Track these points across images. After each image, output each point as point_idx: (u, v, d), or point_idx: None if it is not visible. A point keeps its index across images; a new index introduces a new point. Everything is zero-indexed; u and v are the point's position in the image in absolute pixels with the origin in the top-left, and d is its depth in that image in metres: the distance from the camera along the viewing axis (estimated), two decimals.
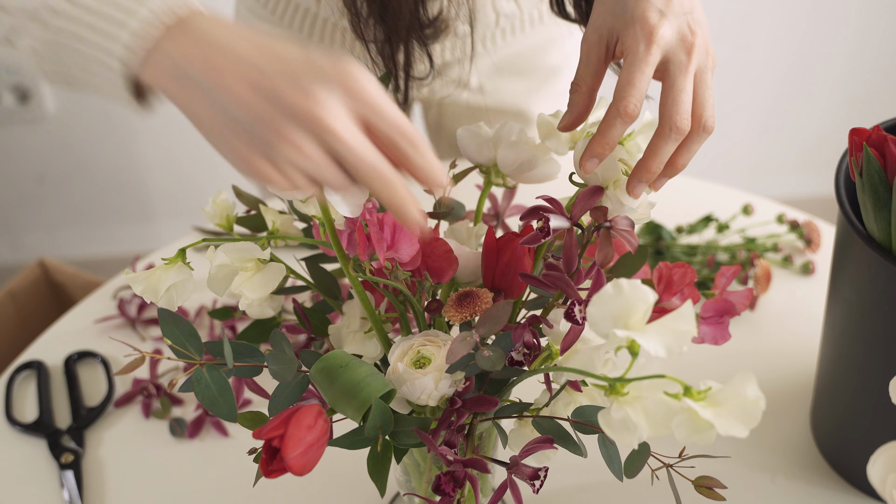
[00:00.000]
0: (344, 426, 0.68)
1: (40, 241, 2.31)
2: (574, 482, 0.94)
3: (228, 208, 0.77)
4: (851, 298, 0.83)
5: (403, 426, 0.65)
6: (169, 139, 2.20)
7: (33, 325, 1.36)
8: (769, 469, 0.95)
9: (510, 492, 0.63)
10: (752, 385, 0.54)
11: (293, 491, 0.94)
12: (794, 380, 1.03)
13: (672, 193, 1.25)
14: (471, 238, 0.76)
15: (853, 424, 0.90)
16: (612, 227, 0.66)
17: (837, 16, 2.19)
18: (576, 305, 0.62)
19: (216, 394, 0.66)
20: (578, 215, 0.67)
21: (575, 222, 0.66)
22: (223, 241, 0.70)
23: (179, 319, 0.66)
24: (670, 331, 0.54)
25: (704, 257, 1.16)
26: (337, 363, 0.64)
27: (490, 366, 0.62)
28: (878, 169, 0.77)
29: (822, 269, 1.16)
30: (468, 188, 0.92)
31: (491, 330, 0.64)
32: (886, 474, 0.57)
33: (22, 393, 1.06)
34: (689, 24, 0.70)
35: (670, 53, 0.70)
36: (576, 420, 0.68)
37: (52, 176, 2.21)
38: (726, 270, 0.68)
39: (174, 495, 0.95)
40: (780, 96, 2.31)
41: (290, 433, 0.60)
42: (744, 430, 0.54)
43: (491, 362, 0.62)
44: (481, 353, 0.63)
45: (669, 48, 0.69)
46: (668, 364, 0.59)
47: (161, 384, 1.04)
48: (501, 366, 0.62)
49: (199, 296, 1.14)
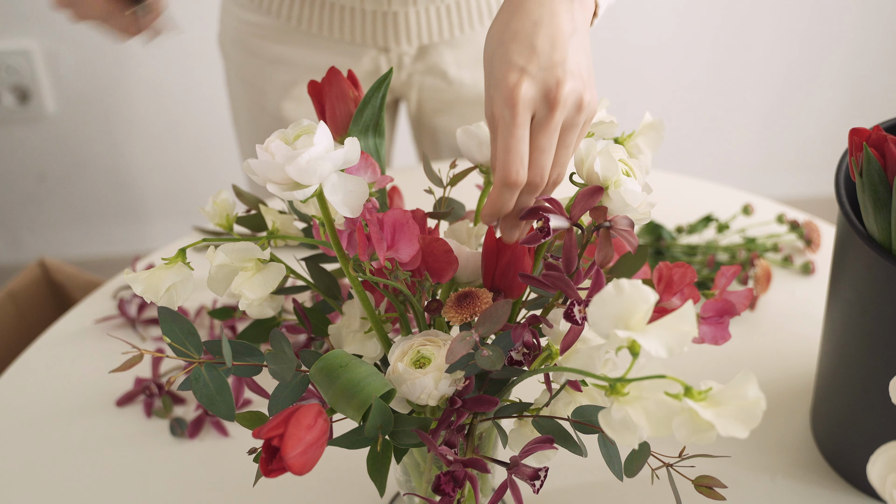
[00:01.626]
0: (344, 426, 0.68)
1: (40, 241, 2.31)
2: (574, 482, 0.94)
3: (228, 208, 0.77)
4: (851, 298, 0.83)
5: (403, 426, 0.65)
6: (169, 139, 2.20)
7: (33, 325, 1.36)
8: (769, 469, 0.95)
9: (510, 492, 0.63)
10: (753, 385, 0.54)
11: (293, 491, 0.94)
12: (794, 380, 1.03)
13: (672, 193, 1.26)
14: (471, 238, 0.76)
15: (853, 424, 0.90)
16: (612, 226, 0.65)
17: (837, 16, 2.19)
18: (575, 305, 0.62)
19: (214, 393, 0.66)
20: (578, 215, 0.67)
21: (575, 222, 0.66)
22: (223, 241, 0.71)
23: (179, 318, 0.67)
24: (671, 331, 0.54)
25: (704, 257, 1.16)
26: (337, 363, 0.64)
27: (489, 365, 0.62)
28: (878, 169, 0.77)
29: (822, 269, 1.16)
30: (468, 188, 0.92)
31: (490, 329, 0.64)
32: (886, 474, 0.57)
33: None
34: (556, 77, 0.67)
35: (536, 110, 0.68)
36: (576, 420, 0.68)
37: (52, 176, 2.21)
38: (726, 271, 0.68)
39: (174, 495, 0.95)
40: (780, 96, 2.31)
41: (289, 433, 0.60)
42: (744, 430, 0.54)
43: (490, 362, 0.62)
44: (481, 353, 0.63)
45: (535, 105, 0.67)
46: (669, 364, 0.59)
47: (163, 383, 1.04)
48: (501, 365, 0.63)
49: (199, 296, 1.14)
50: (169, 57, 2.07)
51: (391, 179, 0.75)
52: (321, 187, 0.64)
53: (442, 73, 1.23)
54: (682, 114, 2.30)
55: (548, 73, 0.67)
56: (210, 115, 2.10)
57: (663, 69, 2.23)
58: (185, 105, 2.15)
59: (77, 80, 2.08)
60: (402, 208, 0.69)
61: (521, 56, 0.68)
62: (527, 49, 0.68)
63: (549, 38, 0.68)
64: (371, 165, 0.73)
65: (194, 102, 2.14)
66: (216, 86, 1.93)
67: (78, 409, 1.03)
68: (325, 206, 0.67)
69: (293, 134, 0.66)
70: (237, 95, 1.35)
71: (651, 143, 0.75)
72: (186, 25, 2.01)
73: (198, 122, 2.16)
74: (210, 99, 2.06)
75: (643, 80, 2.23)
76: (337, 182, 0.65)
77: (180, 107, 2.15)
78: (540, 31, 0.69)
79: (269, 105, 1.28)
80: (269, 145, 0.64)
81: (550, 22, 0.69)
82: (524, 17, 0.70)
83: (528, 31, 0.69)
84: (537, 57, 0.68)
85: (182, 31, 1.40)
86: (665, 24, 2.16)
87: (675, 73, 2.24)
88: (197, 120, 2.16)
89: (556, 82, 0.67)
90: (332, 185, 0.65)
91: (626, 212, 0.68)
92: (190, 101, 2.14)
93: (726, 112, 2.31)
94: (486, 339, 0.66)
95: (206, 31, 1.86)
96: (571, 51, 0.69)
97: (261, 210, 0.77)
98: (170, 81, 2.11)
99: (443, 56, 1.21)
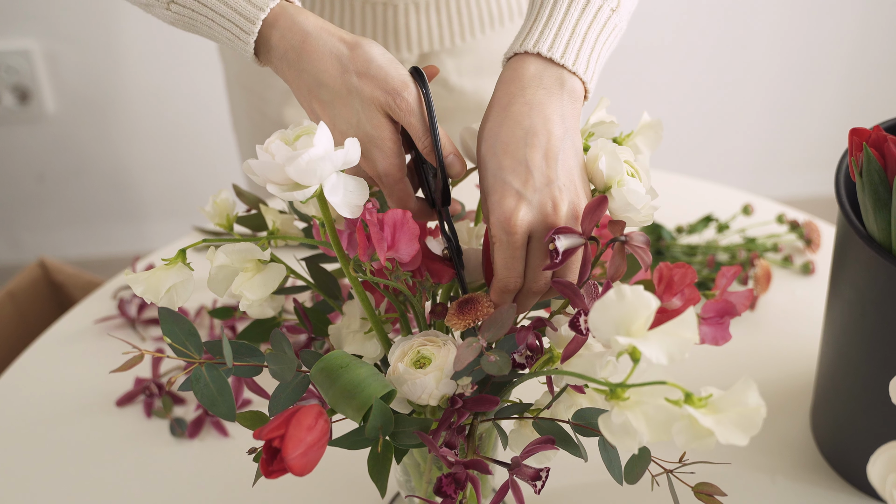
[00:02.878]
0: (344, 426, 0.68)
1: (40, 241, 2.31)
2: (575, 482, 0.94)
3: (229, 208, 0.77)
4: (851, 298, 0.83)
5: (404, 427, 0.65)
6: (169, 139, 2.19)
7: (33, 325, 1.36)
8: (769, 469, 0.95)
9: (512, 492, 0.63)
10: (754, 392, 0.54)
11: (293, 491, 0.94)
12: (794, 380, 1.03)
13: (672, 193, 1.25)
14: (471, 238, 0.76)
15: (853, 424, 0.90)
16: (627, 242, 0.65)
17: (837, 16, 2.19)
18: (581, 315, 0.62)
19: (215, 393, 0.66)
20: (589, 229, 0.66)
21: (587, 236, 0.66)
22: (223, 242, 0.70)
23: (180, 318, 0.66)
24: (672, 338, 0.54)
25: (704, 257, 1.16)
26: (337, 363, 0.64)
27: (496, 371, 0.62)
28: (878, 169, 0.77)
29: (822, 269, 1.16)
30: (468, 188, 0.92)
31: (496, 335, 0.64)
32: (886, 474, 0.57)
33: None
34: (552, 198, 0.68)
35: (532, 232, 0.68)
36: (576, 423, 0.68)
37: (51, 176, 2.21)
38: (727, 271, 0.68)
39: (174, 495, 0.95)
40: (780, 96, 2.31)
41: (290, 433, 0.60)
42: (744, 438, 0.53)
43: (497, 367, 0.62)
44: (487, 359, 0.63)
45: (532, 228, 0.68)
46: (669, 364, 0.59)
47: (163, 384, 1.04)
48: (507, 371, 0.63)
49: (199, 296, 1.14)
50: (169, 57, 2.07)
51: None
52: (321, 188, 0.64)
53: (443, 80, 1.23)
54: (681, 114, 2.29)
55: (543, 195, 0.68)
56: (210, 115, 2.10)
57: (663, 69, 2.23)
58: (185, 105, 2.14)
59: (77, 80, 2.08)
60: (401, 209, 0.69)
61: (517, 177, 0.68)
62: (521, 168, 0.68)
63: (543, 151, 0.68)
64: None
65: (194, 102, 2.13)
66: (216, 86, 1.93)
67: (78, 409, 1.03)
68: (325, 206, 0.67)
69: (293, 134, 0.66)
70: (237, 101, 1.34)
71: (649, 142, 0.75)
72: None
73: (198, 122, 2.16)
74: (210, 99, 2.06)
75: (643, 80, 2.23)
76: (337, 182, 0.65)
77: (180, 107, 2.15)
78: (533, 143, 0.68)
79: (271, 111, 1.28)
80: (269, 146, 0.64)
81: (543, 130, 0.69)
82: (515, 126, 0.69)
83: (520, 143, 0.68)
84: (532, 178, 0.68)
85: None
86: (665, 24, 2.16)
87: (675, 74, 2.24)
88: (197, 120, 2.16)
89: (553, 204, 0.68)
90: (332, 185, 0.65)
91: (629, 212, 0.68)
92: (190, 101, 2.13)
93: (726, 112, 2.31)
94: (492, 343, 0.66)
95: None
96: (564, 160, 0.69)
97: (261, 210, 0.77)
98: (170, 81, 2.11)
99: (444, 64, 1.21)
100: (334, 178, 0.65)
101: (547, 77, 0.70)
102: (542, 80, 0.70)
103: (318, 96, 0.71)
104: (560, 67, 0.71)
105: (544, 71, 0.71)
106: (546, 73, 0.71)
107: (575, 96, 0.71)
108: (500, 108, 0.70)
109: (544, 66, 0.71)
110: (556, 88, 0.70)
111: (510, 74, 0.71)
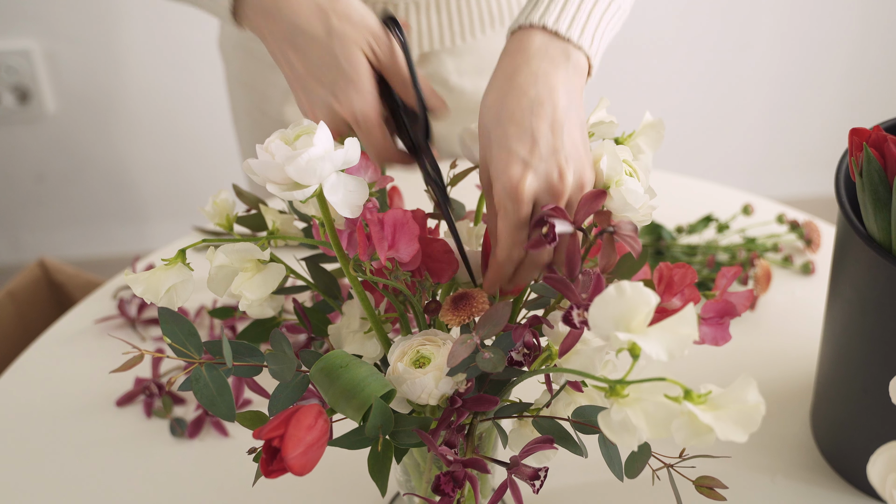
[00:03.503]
0: (344, 426, 0.68)
1: (40, 241, 2.31)
2: (574, 481, 0.94)
3: (228, 208, 0.77)
4: (851, 298, 0.83)
5: (404, 426, 0.65)
6: (169, 139, 2.20)
7: (33, 325, 1.36)
8: (769, 469, 0.95)
9: (510, 492, 0.63)
10: (753, 390, 0.54)
11: (293, 491, 0.94)
12: (794, 380, 1.03)
13: (672, 193, 1.25)
14: (471, 238, 0.76)
15: (853, 424, 0.90)
16: (616, 231, 0.65)
17: (837, 16, 2.19)
18: (574, 309, 0.62)
19: (215, 393, 0.66)
20: (582, 220, 0.66)
21: (579, 226, 0.66)
22: (223, 242, 0.70)
23: (179, 318, 0.66)
24: (672, 334, 0.54)
25: (704, 257, 1.16)
26: (337, 363, 0.64)
27: (491, 368, 0.62)
28: (878, 169, 0.77)
29: (822, 269, 1.16)
30: (468, 188, 0.92)
31: (491, 332, 0.64)
32: (886, 474, 0.57)
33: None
34: (558, 166, 0.68)
35: (538, 200, 0.68)
36: (576, 420, 0.68)
37: (51, 176, 2.21)
38: (727, 271, 0.68)
39: (174, 495, 0.95)
40: (780, 96, 2.31)
41: (290, 433, 0.60)
42: (743, 435, 0.53)
43: (492, 364, 0.62)
44: (482, 356, 0.63)
45: (538, 195, 0.68)
46: (669, 363, 0.59)
47: (163, 384, 1.04)
48: (502, 367, 0.62)
49: (199, 296, 1.14)
50: (169, 57, 2.07)
51: (391, 179, 0.75)
52: (321, 187, 0.64)
53: (443, 80, 1.23)
54: (682, 114, 2.30)
55: (550, 163, 0.68)
56: (210, 115, 2.10)
57: (663, 69, 2.23)
58: (185, 105, 2.14)
59: (77, 80, 2.08)
60: (402, 208, 0.69)
61: (522, 145, 0.68)
62: (527, 136, 0.68)
63: (549, 121, 0.68)
64: (371, 165, 0.73)
65: (194, 102, 2.13)
66: (216, 86, 1.93)
67: (78, 409, 1.03)
68: (325, 206, 0.67)
69: (293, 134, 0.66)
70: (238, 99, 1.34)
71: (651, 142, 0.75)
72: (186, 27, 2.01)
73: (198, 122, 2.16)
74: (210, 99, 2.06)
75: (643, 80, 2.23)
76: (337, 182, 0.65)
77: (180, 107, 2.15)
78: (539, 112, 0.68)
79: (271, 109, 1.28)
80: (268, 145, 0.64)
81: (549, 100, 0.68)
82: (521, 96, 0.69)
83: (525, 112, 0.68)
84: (538, 146, 0.67)
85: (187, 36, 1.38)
86: (665, 24, 2.16)
87: (676, 74, 2.24)
88: (197, 120, 2.16)
89: (559, 173, 0.68)
90: (331, 185, 0.65)
91: (627, 212, 0.68)
92: (190, 101, 2.14)
93: (726, 112, 2.31)
94: (487, 340, 0.66)
95: (206, 31, 1.86)
96: (569, 131, 0.69)
97: (261, 210, 0.77)
98: (170, 81, 2.11)
99: (444, 64, 1.21)
100: (334, 178, 0.65)
101: (553, 49, 0.70)
102: (547, 52, 0.70)
103: (294, 42, 0.72)
104: (565, 41, 0.71)
105: (550, 43, 0.70)
106: (552, 46, 0.70)
107: (579, 70, 0.71)
108: (505, 78, 0.70)
109: (550, 38, 0.71)
110: (562, 61, 0.70)
111: (515, 46, 0.71)
